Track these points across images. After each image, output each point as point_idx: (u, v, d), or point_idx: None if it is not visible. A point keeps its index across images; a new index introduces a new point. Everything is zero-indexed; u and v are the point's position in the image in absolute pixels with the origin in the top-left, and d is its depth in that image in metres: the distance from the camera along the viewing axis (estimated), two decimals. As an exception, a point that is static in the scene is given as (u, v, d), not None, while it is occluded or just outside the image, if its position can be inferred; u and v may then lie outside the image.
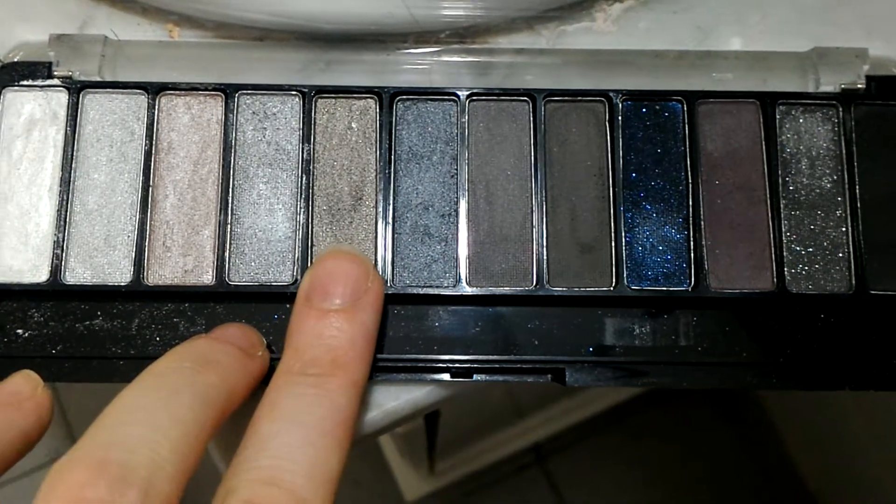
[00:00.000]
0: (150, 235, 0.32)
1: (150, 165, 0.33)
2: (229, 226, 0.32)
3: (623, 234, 0.33)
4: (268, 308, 0.32)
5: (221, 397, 0.26)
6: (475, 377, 0.32)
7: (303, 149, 0.33)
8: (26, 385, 0.27)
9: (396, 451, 1.08)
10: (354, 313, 0.27)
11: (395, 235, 0.32)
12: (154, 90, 0.33)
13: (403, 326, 0.32)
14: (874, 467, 0.87)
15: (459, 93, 0.33)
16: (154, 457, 0.22)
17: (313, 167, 0.33)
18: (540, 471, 1.18)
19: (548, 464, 1.17)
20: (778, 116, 0.34)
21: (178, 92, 0.33)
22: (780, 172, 0.33)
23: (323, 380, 0.26)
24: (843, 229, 0.33)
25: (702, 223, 0.33)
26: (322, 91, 0.33)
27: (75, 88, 0.33)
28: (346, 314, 0.27)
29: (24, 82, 0.33)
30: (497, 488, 1.15)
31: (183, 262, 0.32)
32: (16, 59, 0.34)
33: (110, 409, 0.24)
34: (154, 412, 0.24)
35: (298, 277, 0.32)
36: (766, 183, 0.33)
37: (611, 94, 0.33)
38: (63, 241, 0.32)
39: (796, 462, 1.09)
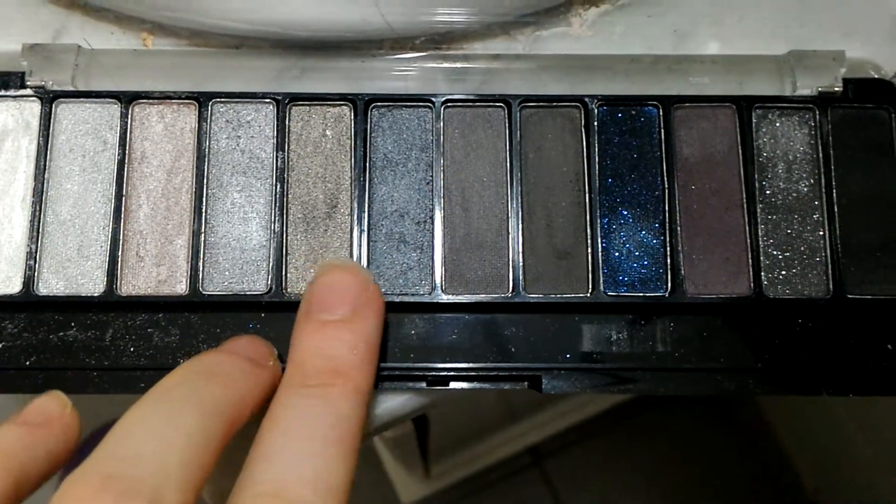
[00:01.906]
0: (123, 245, 0.32)
1: (123, 175, 0.32)
2: (203, 235, 0.32)
3: (599, 240, 0.32)
4: (243, 317, 0.32)
5: (229, 409, 0.26)
6: (452, 385, 0.32)
7: (277, 157, 0.33)
8: (55, 405, 0.27)
9: (391, 455, 1.08)
10: (354, 323, 0.27)
11: (371, 243, 0.32)
12: (127, 99, 0.33)
13: (379, 335, 0.32)
14: (870, 468, 0.87)
15: (434, 99, 0.33)
16: (161, 469, 0.22)
17: (288, 175, 0.33)
18: (537, 473, 1.17)
19: (545, 466, 1.17)
20: (754, 120, 0.33)
21: (151, 101, 0.33)
22: (756, 177, 0.33)
23: (325, 389, 0.26)
24: (821, 233, 0.33)
25: (678, 228, 0.32)
26: (296, 98, 0.33)
27: (48, 98, 0.33)
28: (345, 324, 0.27)
29: (-2, 92, 0.33)
30: (494, 491, 1.15)
31: (156, 272, 0.32)
32: (-11, 70, 0.33)
33: (118, 425, 0.24)
34: (160, 425, 0.24)
35: (273, 286, 0.32)
36: (743, 187, 0.33)
37: (586, 100, 0.33)
38: (36, 251, 0.32)
39: (792, 463, 1.09)
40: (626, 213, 0.33)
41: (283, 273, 0.32)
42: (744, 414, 1.13)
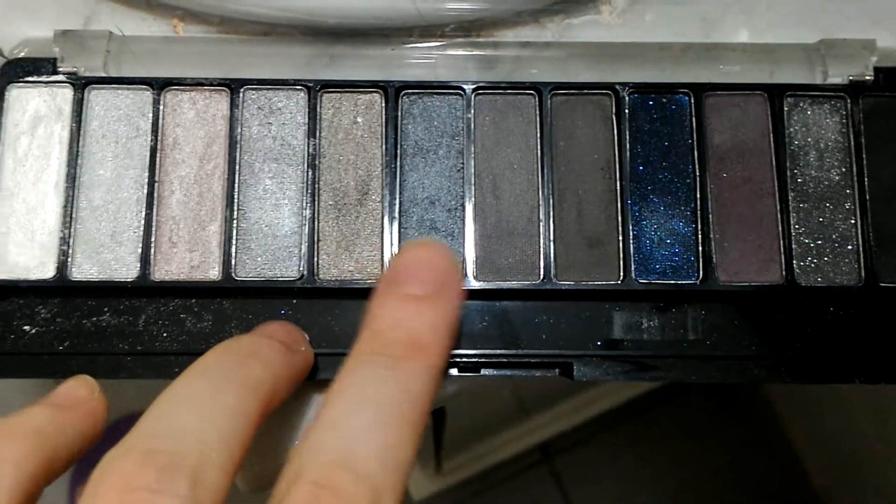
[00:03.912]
0: (156, 231, 0.32)
1: (155, 161, 0.32)
2: (235, 221, 0.32)
3: (630, 228, 0.32)
4: (274, 304, 0.32)
5: (266, 389, 0.25)
6: (483, 372, 0.32)
7: (308, 143, 0.33)
8: (84, 389, 0.27)
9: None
10: (437, 301, 0.26)
11: (402, 230, 0.32)
12: (159, 85, 0.33)
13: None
14: (882, 466, 0.87)
15: (465, 86, 0.33)
16: (202, 446, 0.22)
17: (319, 162, 0.33)
18: (547, 469, 1.17)
19: (555, 462, 1.17)
20: (786, 108, 0.33)
21: (183, 87, 0.33)
22: (788, 165, 0.33)
23: (400, 361, 0.24)
24: (852, 221, 0.32)
25: (710, 216, 0.32)
26: (327, 86, 0.33)
27: (80, 84, 0.33)
28: (429, 301, 0.26)
29: (30, 78, 0.33)
30: (504, 487, 1.15)
31: (189, 258, 0.32)
32: (21, 56, 0.34)
33: (158, 402, 0.24)
34: (201, 403, 0.24)
35: (305, 272, 0.32)
36: (775, 175, 0.33)
37: (617, 87, 0.33)
38: (69, 237, 0.32)
39: (803, 461, 1.09)
40: (657, 200, 0.33)
41: (315, 259, 0.32)
42: (755, 410, 1.13)
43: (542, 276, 0.32)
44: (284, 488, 0.22)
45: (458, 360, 0.32)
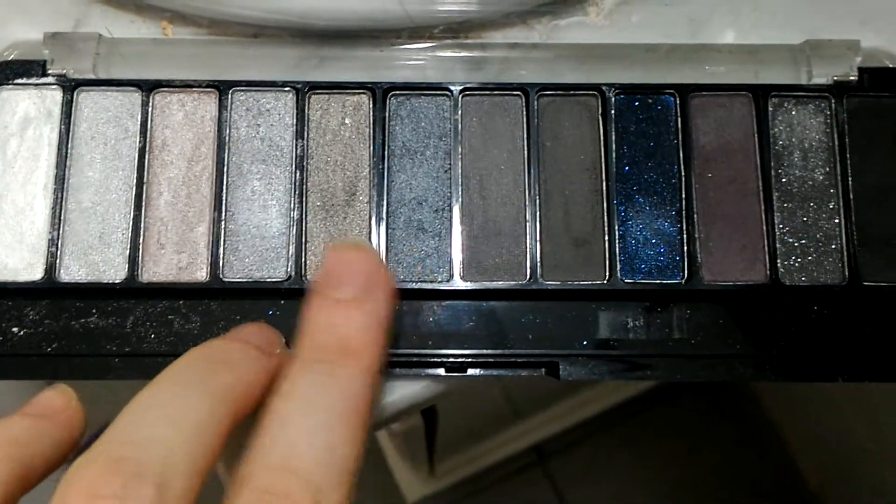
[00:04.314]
0: (144, 233, 0.32)
1: (144, 163, 0.33)
2: (223, 222, 0.32)
3: (616, 228, 0.33)
4: (262, 304, 0.32)
5: (236, 395, 0.26)
6: (470, 371, 0.32)
7: (296, 145, 0.33)
8: (60, 398, 0.27)
9: (397, 453, 1.08)
10: (365, 302, 0.27)
11: (389, 230, 0.33)
12: (148, 87, 0.33)
13: (398, 321, 0.32)
14: (874, 466, 0.87)
15: (452, 87, 0.33)
16: (169, 454, 0.22)
17: (307, 163, 0.33)
18: (541, 471, 1.18)
19: (549, 464, 1.17)
20: (770, 109, 0.34)
21: (171, 89, 0.33)
22: (772, 165, 0.33)
23: (334, 367, 0.25)
24: (836, 221, 0.33)
25: (695, 216, 0.33)
26: (315, 87, 0.33)
27: (70, 86, 0.33)
28: (356, 303, 0.27)
29: (19, 80, 0.33)
30: (498, 489, 1.15)
31: (177, 259, 0.32)
32: (10, 58, 0.34)
33: (128, 408, 0.24)
34: (168, 410, 0.24)
35: (292, 273, 0.32)
36: (759, 175, 0.33)
37: (603, 88, 0.34)
38: (58, 238, 0.32)
39: (798, 461, 1.09)
40: (642, 200, 0.33)
41: (303, 260, 0.32)
42: (748, 410, 1.13)
43: (528, 276, 0.32)
44: (233, 494, 0.22)
45: (444, 360, 0.32)
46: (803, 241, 0.33)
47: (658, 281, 0.32)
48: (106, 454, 0.22)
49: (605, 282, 0.32)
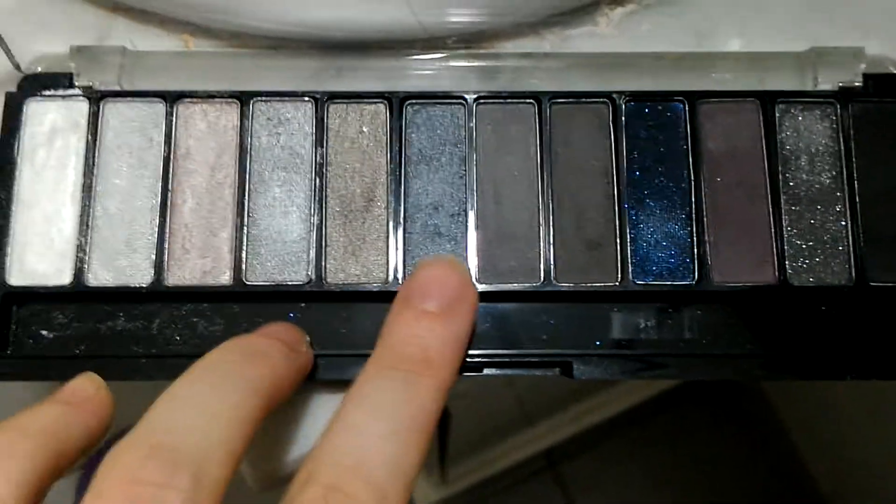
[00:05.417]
0: (169, 238, 0.33)
1: (168, 171, 0.34)
2: (246, 228, 0.33)
3: (628, 231, 0.33)
4: (283, 307, 0.33)
5: (268, 388, 0.26)
6: (486, 371, 0.33)
7: (316, 153, 0.34)
8: (89, 386, 0.28)
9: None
10: (450, 318, 0.27)
11: (407, 235, 0.33)
12: (172, 98, 0.34)
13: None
14: (886, 470, 0.87)
15: (467, 96, 0.34)
16: (205, 442, 0.23)
17: (326, 170, 0.34)
18: (552, 476, 1.18)
19: (560, 469, 1.18)
20: (777, 115, 0.34)
21: (195, 99, 0.34)
22: (780, 169, 0.34)
23: (413, 376, 0.26)
24: (843, 223, 0.33)
25: (704, 219, 0.33)
26: (334, 97, 0.34)
27: (95, 98, 0.34)
28: (442, 317, 0.27)
29: (47, 92, 0.34)
30: (509, 494, 1.15)
31: (202, 264, 0.33)
32: (38, 71, 0.35)
33: (162, 398, 0.25)
34: (204, 399, 0.24)
35: (313, 277, 0.33)
36: (767, 179, 0.34)
37: (614, 96, 0.34)
38: (85, 244, 0.33)
39: (810, 468, 1.09)
40: (653, 204, 0.34)
41: (322, 264, 0.33)
42: (760, 416, 1.13)
43: (542, 279, 0.33)
44: (297, 488, 0.23)
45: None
46: (811, 243, 0.33)
47: (669, 282, 0.33)
48: (144, 441, 0.23)
49: (618, 284, 0.33)
